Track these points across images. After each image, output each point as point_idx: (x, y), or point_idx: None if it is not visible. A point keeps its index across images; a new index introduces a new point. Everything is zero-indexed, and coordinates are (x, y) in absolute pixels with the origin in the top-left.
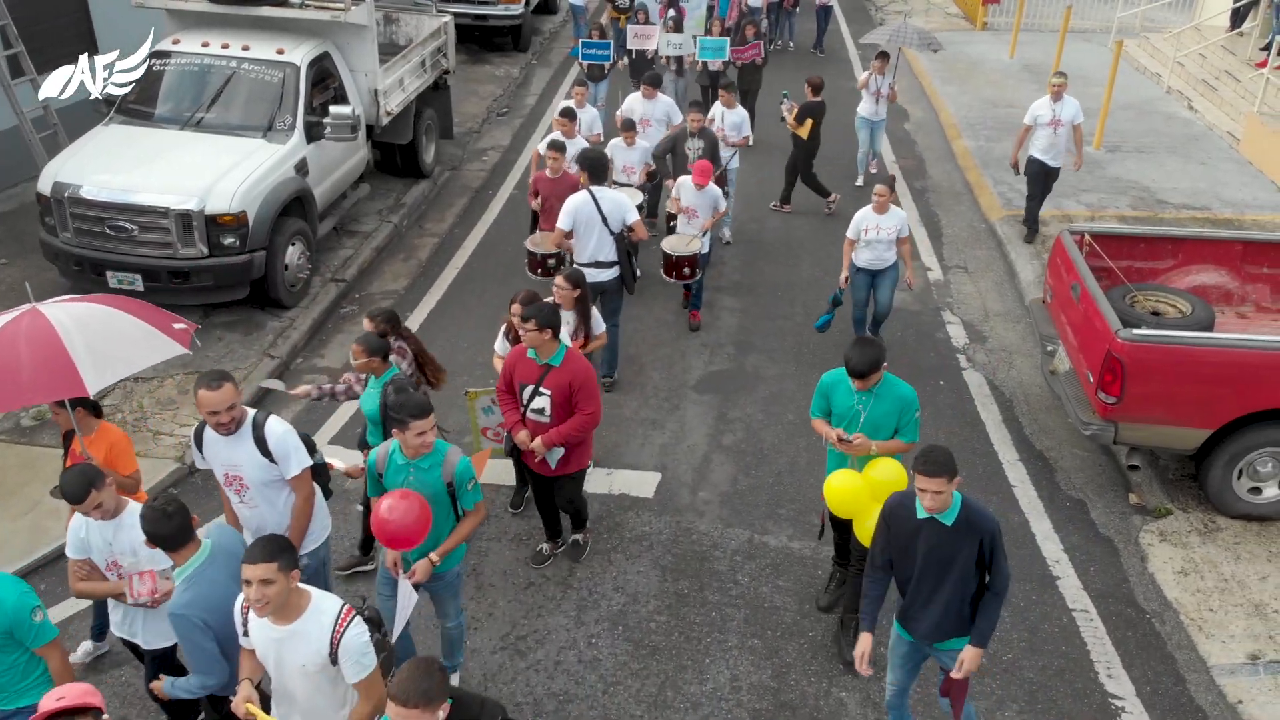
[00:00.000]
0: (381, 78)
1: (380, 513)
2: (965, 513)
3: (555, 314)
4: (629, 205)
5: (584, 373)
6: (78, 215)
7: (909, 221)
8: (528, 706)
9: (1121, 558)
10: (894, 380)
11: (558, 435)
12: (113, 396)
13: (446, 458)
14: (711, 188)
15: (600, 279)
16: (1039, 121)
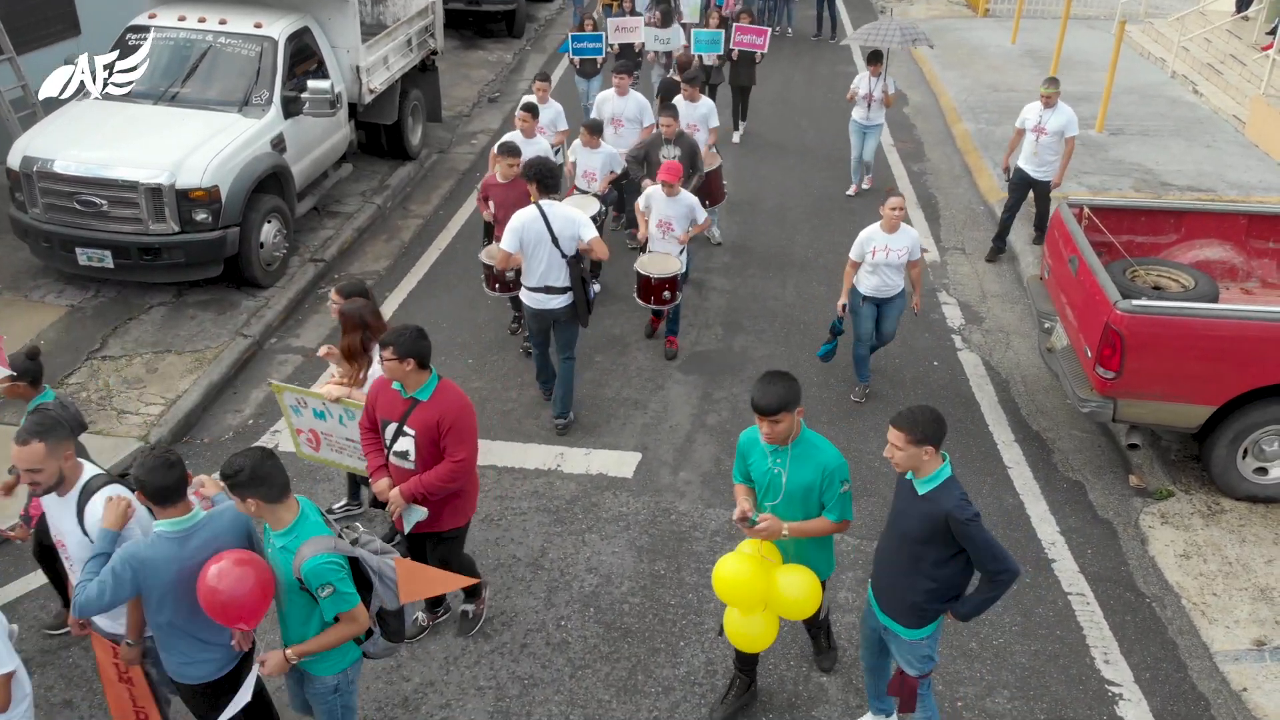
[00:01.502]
0: (364, 54)
1: (206, 579)
2: (939, 489)
3: (421, 339)
4: (583, 221)
5: (457, 410)
6: (47, 190)
7: (918, 238)
8: (490, 691)
9: (1121, 540)
10: (816, 440)
11: (417, 486)
12: (79, 375)
13: (300, 548)
14: (685, 195)
15: (550, 306)
16: (1026, 125)
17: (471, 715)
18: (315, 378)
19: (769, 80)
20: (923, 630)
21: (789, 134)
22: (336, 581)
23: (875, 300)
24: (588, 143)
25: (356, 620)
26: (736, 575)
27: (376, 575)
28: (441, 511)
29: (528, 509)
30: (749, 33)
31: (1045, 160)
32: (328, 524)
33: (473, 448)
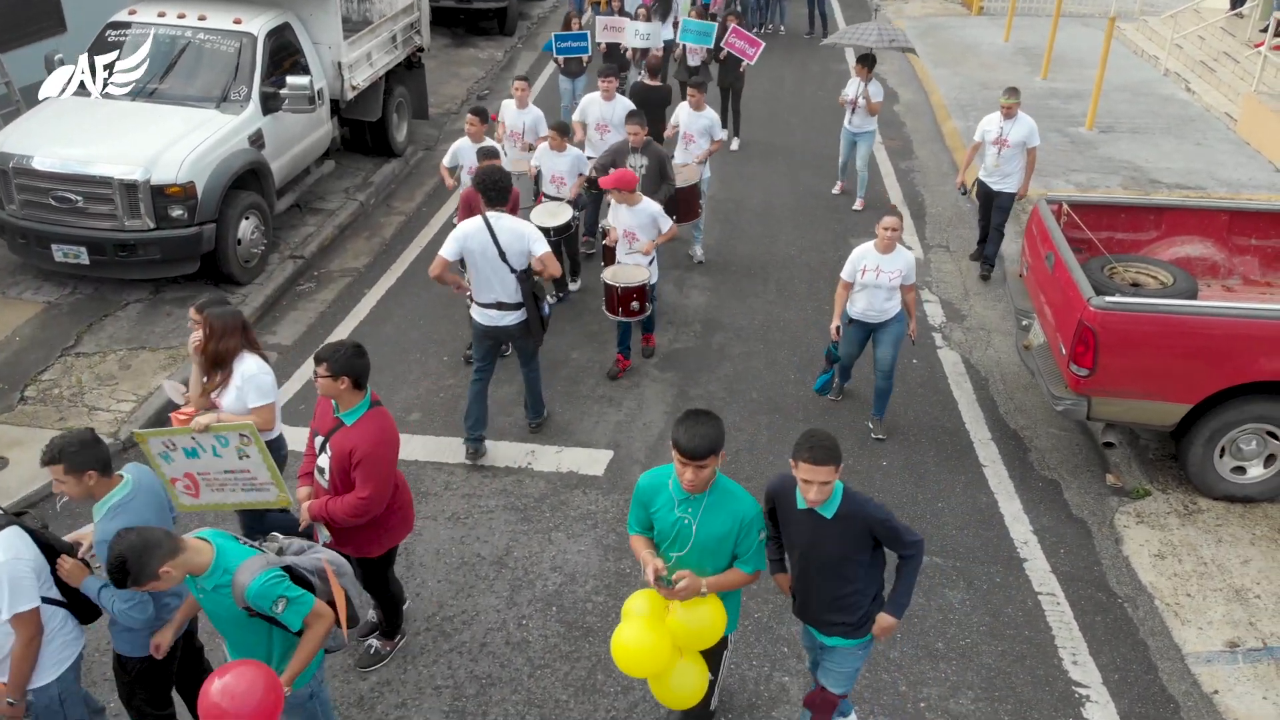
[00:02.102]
0: (346, 51)
1: (210, 696)
2: (847, 504)
3: (357, 357)
4: (532, 235)
5: (372, 443)
6: (23, 186)
7: (913, 261)
8: (448, 690)
9: (1095, 540)
10: (731, 487)
11: (322, 510)
12: (52, 371)
13: (235, 579)
14: (647, 203)
15: (503, 323)
16: (986, 138)
17: (427, 715)
18: (288, 375)
19: (760, 79)
20: (865, 635)
21: (778, 132)
22: (285, 591)
23: (864, 324)
24: (555, 145)
25: (321, 616)
26: (640, 647)
27: (314, 574)
28: (347, 538)
29: (495, 507)
30: (743, 38)
31: (1006, 172)
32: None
33: (380, 487)
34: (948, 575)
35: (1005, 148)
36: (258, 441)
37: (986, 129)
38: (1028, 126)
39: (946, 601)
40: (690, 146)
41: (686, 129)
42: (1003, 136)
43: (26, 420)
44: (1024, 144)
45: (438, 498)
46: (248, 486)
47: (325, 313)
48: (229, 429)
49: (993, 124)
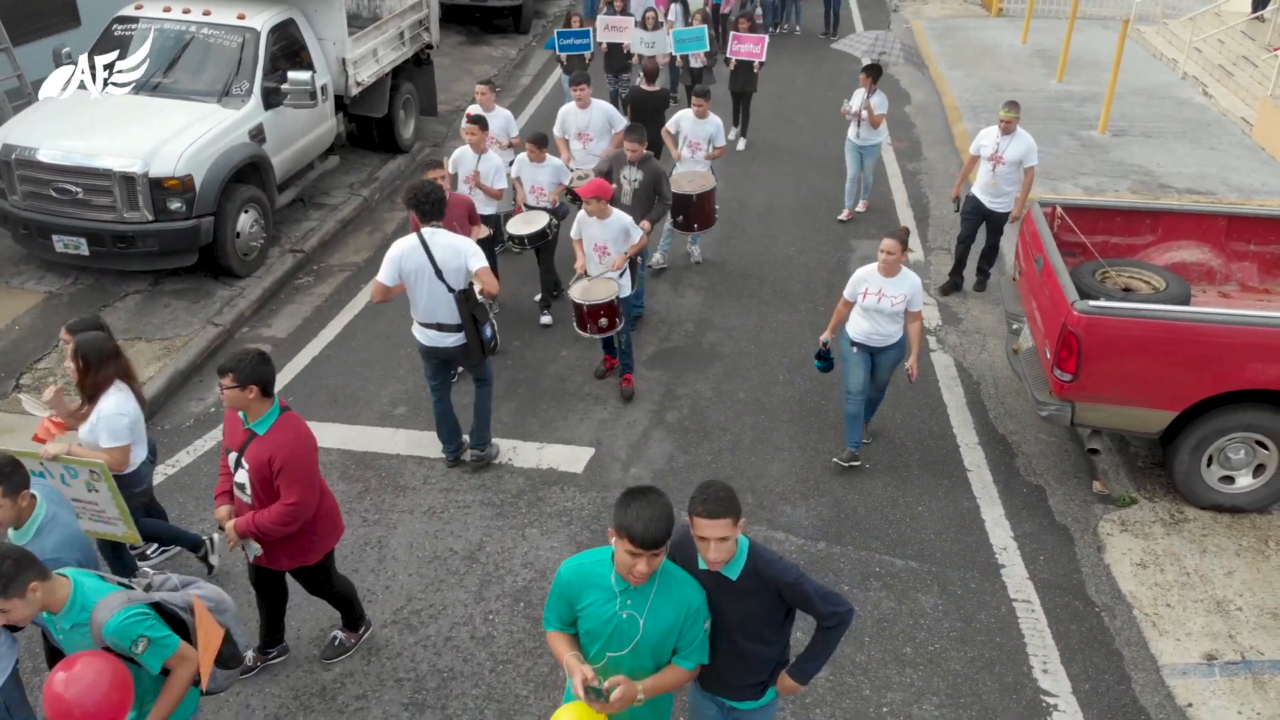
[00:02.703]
0: (351, 47)
1: (53, 688)
2: (753, 563)
3: (263, 364)
4: (470, 251)
5: (290, 448)
6: (25, 178)
7: (920, 286)
8: (409, 683)
9: (1076, 547)
10: (675, 571)
11: (250, 524)
12: (48, 360)
13: (92, 617)
14: (618, 215)
15: (444, 344)
16: (982, 154)
17: (387, 707)
18: (280, 367)
19: (771, 79)
20: (771, 692)
21: (786, 132)
22: (147, 630)
23: (868, 348)
24: (534, 157)
25: (186, 659)
26: None
27: (186, 611)
28: (278, 552)
29: (471, 502)
30: (746, 41)
31: (1002, 191)
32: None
33: (306, 491)
34: (922, 580)
35: (1000, 165)
36: (108, 480)
37: (982, 144)
38: (1025, 144)
39: (918, 606)
40: (696, 154)
41: (691, 136)
42: (998, 153)
43: (19, 408)
44: (1020, 162)
45: (415, 491)
46: (95, 518)
47: (321, 306)
48: (79, 463)
49: (989, 139)
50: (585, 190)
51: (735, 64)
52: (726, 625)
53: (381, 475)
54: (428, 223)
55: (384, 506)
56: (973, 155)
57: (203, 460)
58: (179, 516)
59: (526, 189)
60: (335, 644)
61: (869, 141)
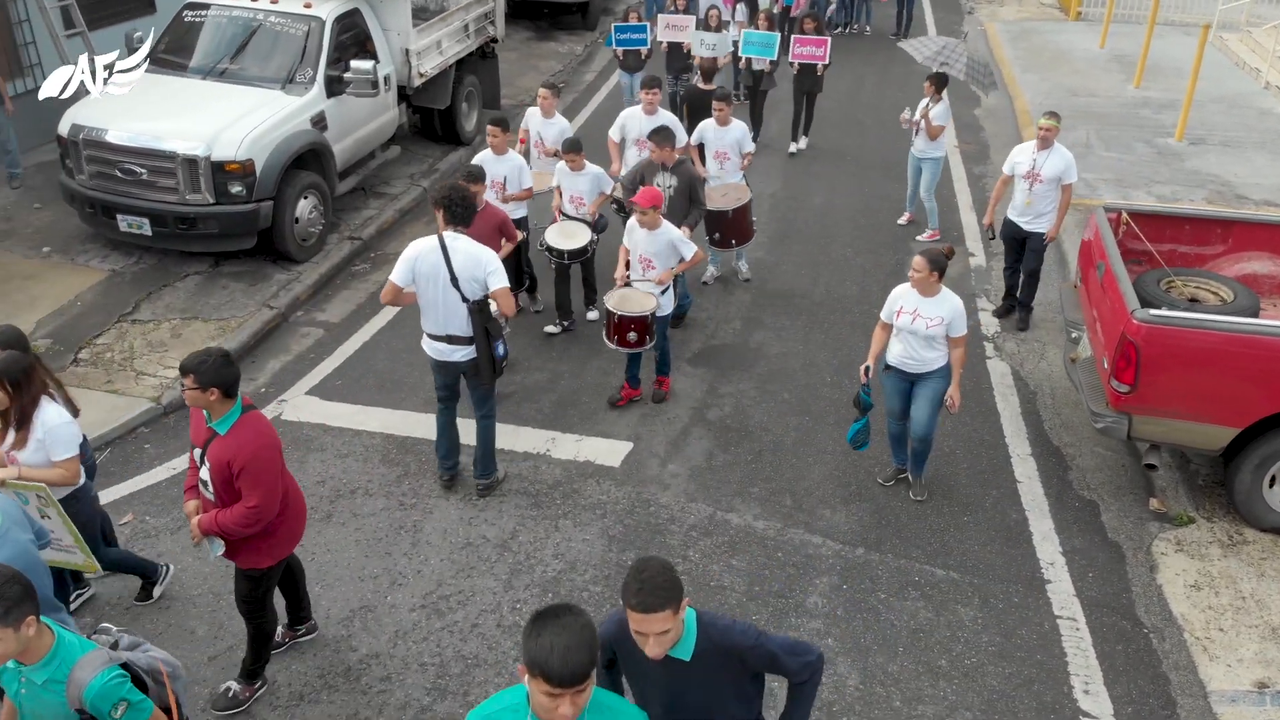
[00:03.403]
0: (415, 38)
1: None
2: (706, 637)
3: (225, 366)
4: (490, 263)
5: (251, 450)
6: (92, 158)
7: (962, 308)
8: (433, 668)
9: (1128, 565)
10: (609, 701)
11: (211, 523)
12: (107, 336)
13: (73, 675)
14: (668, 229)
15: (454, 358)
16: (1016, 171)
17: (409, 690)
18: (331, 351)
19: (839, 79)
20: None
21: (851, 133)
22: (128, 694)
23: (902, 373)
24: (572, 164)
25: None
26: None
27: (149, 675)
28: (239, 548)
29: (508, 491)
30: (808, 44)
31: (1040, 211)
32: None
33: (268, 493)
34: (962, 591)
35: (1038, 183)
36: (53, 504)
37: (1017, 161)
38: (1064, 160)
39: (957, 618)
40: (726, 164)
41: (717, 146)
42: (1035, 170)
43: (75, 381)
44: (1059, 179)
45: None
46: (56, 547)
47: (375, 293)
48: (25, 488)
49: (1025, 155)
50: (641, 198)
51: (799, 66)
52: (691, 712)
53: (421, 460)
54: (453, 226)
55: (421, 491)
56: (1005, 175)
57: None
58: None
59: (565, 198)
60: (229, 695)
61: (926, 154)
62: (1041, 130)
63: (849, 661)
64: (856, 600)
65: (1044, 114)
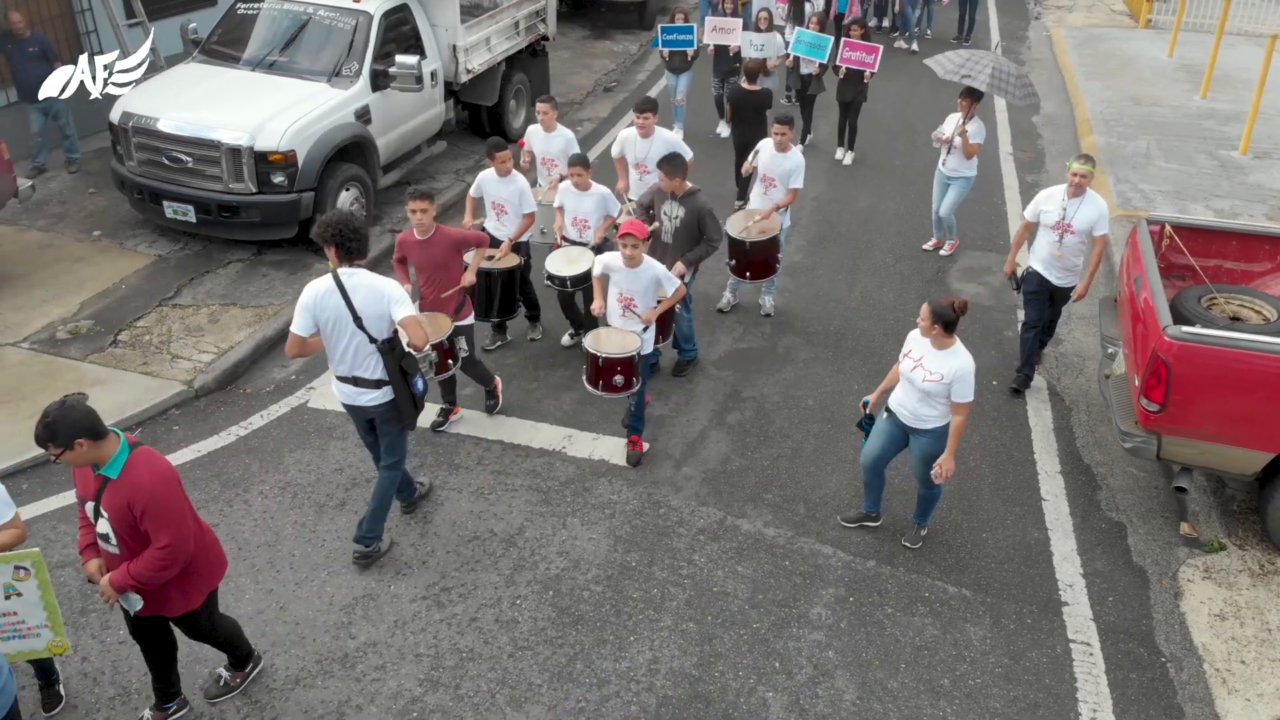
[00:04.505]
0: (463, 35)
1: None
2: None
3: (71, 413)
4: (397, 295)
5: (148, 489)
6: (141, 145)
7: (970, 372)
8: (428, 659)
9: (1151, 591)
10: None
11: (125, 577)
12: (147, 319)
13: None
14: (651, 265)
15: (363, 402)
16: (1042, 220)
17: (403, 680)
18: None
19: (894, 84)
20: None
21: (902, 138)
22: None
23: (898, 421)
24: (579, 184)
25: None
26: None
27: None
28: (168, 593)
29: (519, 486)
30: (858, 49)
31: (1071, 265)
32: None
33: (179, 529)
34: (973, 610)
35: (1068, 235)
36: (40, 573)
37: (1044, 209)
38: (1097, 209)
39: (965, 637)
40: (770, 192)
41: (767, 172)
42: (1066, 220)
43: (113, 362)
44: (1090, 230)
45: (468, 471)
46: (8, 635)
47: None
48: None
49: (1053, 203)
50: (622, 230)
51: (845, 71)
52: None
53: (438, 452)
54: (347, 261)
55: (435, 482)
56: (1028, 221)
57: (274, 425)
58: (242, 477)
59: (568, 220)
60: (220, 683)
61: (958, 173)
62: (1074, 177)
63: (848, 675)
64: (862, 614)
65: (1076, 157)
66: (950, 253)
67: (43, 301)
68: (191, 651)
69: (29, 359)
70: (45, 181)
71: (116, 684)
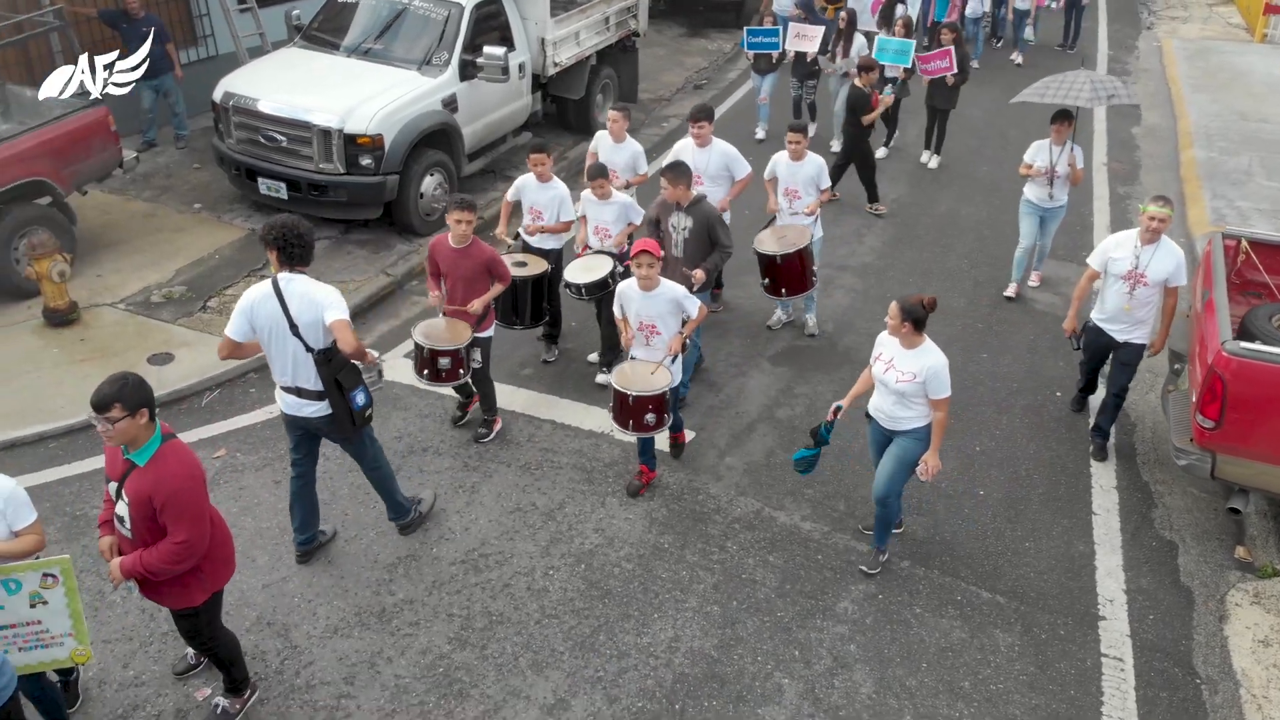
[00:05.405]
0: (553, 28)
1: None
2: None
3: (144, 385)
4: (329, 300)
5: (173, 483)
6: (240, 124)
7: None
8: (459, 619)
9: (1195, 612)
10: None
11: (137, 564)
12: (235, 288)
13: None
14: (668, 288)
15: (304, 414)
16: (1111, 269)
17: (433, 637)
18: None
19: (989, 89)
20: None
21: (994, 144)
22: None
23: (879, 425)
24: (598, 192)
25: None
26: None
27: None
28: (164, 590)
29: (565, 464)
30: (931, 59)
31: (1140, 319)
32: None
33: (195, 526)
34: (1005, 616)
35: (1141, 285)
36: (69, 581)
37: (1114, 257)
38: (1174, 259)
39: (992, 642)
40: (795, 203)
41: (788, 183)
42: (1139, 270)
43: (200, 326)
44: (1166, 282)
45: (519, 446)
46: (31, 645)
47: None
48: (23, 569)
49: (1124, 251)
50: (635, 249)
51: (930, 80)
52: None
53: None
54: (288, 267)
55: (486, 456)
56: (1093, 270)
57: None
58: None
59: (590, 229)
60: (219, 711)
61: (1057, 203)
62: (1149, 221)
63: (867, 669)
64: (889, 611)
65: (1152, 199)
66: (1037, 284)
67: (141, 267)
68: (245, 599)
69: (124, 319)
70: (154, 156)
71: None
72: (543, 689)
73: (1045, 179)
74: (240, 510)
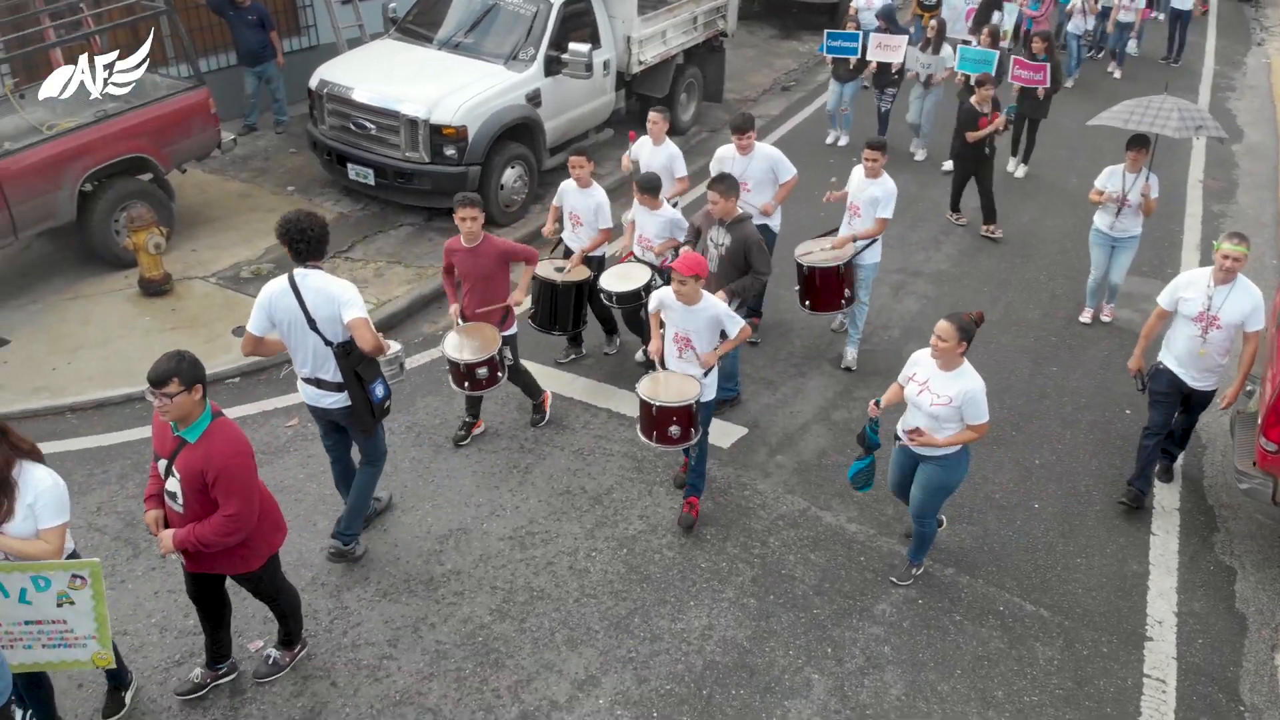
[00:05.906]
0: (639, 26)
1: None
2: None
3: (198, 363)
4: (346, 298)
5: (225, 458)
6: (333, 111)
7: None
8: (501, 591)
9: (1247, 640)
10: None
11: (190, 536)
12: None
13: None
14: (710, 303)
15: (325, 405)
16: (1183, 310)
17: (475, 608)
18: None
19: (1086, 101)
20: None
21: (1082, 157)
22: None
23: (908, 449)
24: (644, 203)
25: None
26: None
27: None
28: (221, 558)
29: (617, 452)
30: (1026, 68)
31: (1214, 365)
32: None
33: (245, 500)
34: (1047, 630)
35: (1214, 329)
36: (97, 583)
37: (1185, 297)
38: (1251, 300)
39: (1031, 654)
40: (855, 221)
41: (855, 199)
42: (1211, 312)
43: None
44: (1241, 325)
45: (573, 432)
46: (54, 643)
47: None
48: (54, 567)
49: (1196, 291)
50: (681, 265)
51: (1019, 88)
52: None
53: (552, 410)
54: (301, 262)
55: (542, 439)
56: (1162, 309)
57: (413, 372)
58: None
59: (635, 238)
60: (269, 662)
61: (1128, 233)
62: (1224, 260)
63: (899, 671)
64: (928, 617)
65: (1227, 236)
66: (1110, 319)
67: (233, 243)
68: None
69: (213, 292)
70: (254, 140)
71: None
72: (575, 664)
73: (1115, 206)
74: (306, 476)
